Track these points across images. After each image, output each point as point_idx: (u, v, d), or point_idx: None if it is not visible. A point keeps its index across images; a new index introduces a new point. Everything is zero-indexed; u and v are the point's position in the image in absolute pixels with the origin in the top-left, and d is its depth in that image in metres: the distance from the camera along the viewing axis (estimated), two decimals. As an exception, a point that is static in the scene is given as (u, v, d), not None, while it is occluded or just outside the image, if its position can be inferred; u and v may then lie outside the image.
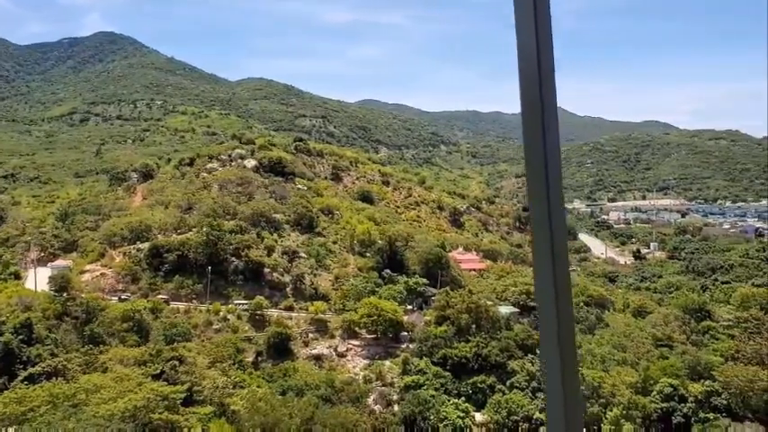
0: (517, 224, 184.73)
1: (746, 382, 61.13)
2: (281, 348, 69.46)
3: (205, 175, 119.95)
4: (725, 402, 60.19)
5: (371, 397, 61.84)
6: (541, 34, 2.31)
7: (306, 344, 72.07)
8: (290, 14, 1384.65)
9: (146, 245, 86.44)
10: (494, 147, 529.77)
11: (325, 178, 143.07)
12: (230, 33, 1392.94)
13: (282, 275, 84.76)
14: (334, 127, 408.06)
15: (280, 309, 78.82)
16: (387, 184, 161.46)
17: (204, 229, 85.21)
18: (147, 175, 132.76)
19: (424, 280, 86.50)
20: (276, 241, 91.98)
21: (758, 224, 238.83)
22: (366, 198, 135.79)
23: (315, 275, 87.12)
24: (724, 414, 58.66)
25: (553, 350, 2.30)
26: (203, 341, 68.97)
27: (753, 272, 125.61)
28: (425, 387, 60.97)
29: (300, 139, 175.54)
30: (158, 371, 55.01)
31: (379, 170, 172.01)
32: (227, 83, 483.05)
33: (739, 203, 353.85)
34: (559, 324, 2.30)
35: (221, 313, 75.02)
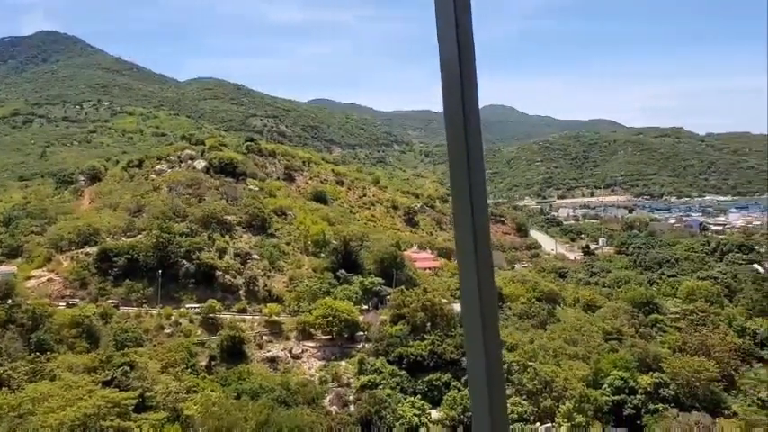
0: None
1: (693, 372, 63.06)
2: (234, 352, 68.66)
3: (154, 176, 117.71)
4: (673, 393, 61.93)
5: (327, 398, 61.66)
6: (462, 37, 2.31)
7: (260, 346, 71.41)
8: (239, 13, 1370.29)
9: (94, 249, 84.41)
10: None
11: (278, 179, 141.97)
12: (179, 33, 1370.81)
13: (235, 278, 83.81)
14: (287, 127, 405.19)
15: (233, 312, 77.88)
16: (341, 183, 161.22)
17: (154, 232, 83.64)
18: (94, 177, 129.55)
19: (380, 279, 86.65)
20: (228, 243, 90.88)
21: (702, 219, 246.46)
22: (320, 198, 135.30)
23: (268, 277, 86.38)
24: (672, 404, 60.32)
25: (479, 358, 2.29)
26: (155, 346, 67.72)
27: (698, 265, 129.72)
28: (381, 386, 61.11)
29: (252, 140, 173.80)
30: (109, 377, 53.78)
31: (333, 170, 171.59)
32: (177, 83, 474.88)
33: (684, 199, 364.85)
34: (484, 326, 2.30)
35: (173, 317, 73.77)
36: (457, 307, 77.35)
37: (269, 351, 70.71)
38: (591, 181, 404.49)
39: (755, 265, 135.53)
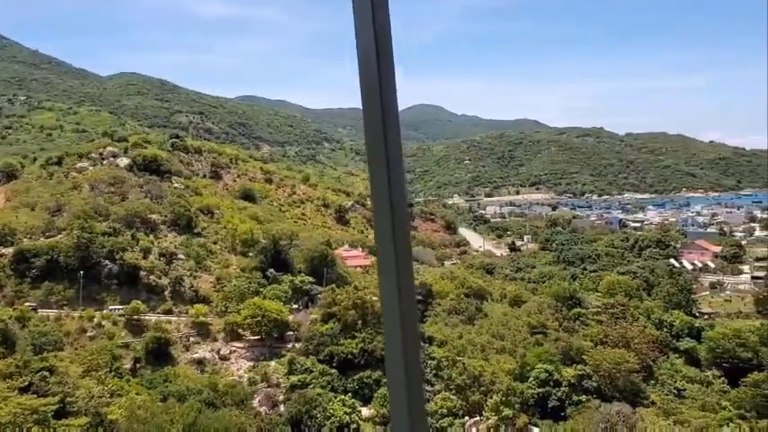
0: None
1: (614, 364, 65.46)
2: (160, 354, 66.91)
3: (75, 174, 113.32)
4: (595, 385, 64.11)
5: (257, 399, 60.92)
6: (379, 33, 2.28)
7: (187, 348, 69.85)
8: (163, 7, 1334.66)
9: (10, 250, 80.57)
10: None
11: (204, 176, 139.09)
12: (101, 26, 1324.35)
13: (160, 278, 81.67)
14: (213, 123, 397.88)
15: (158, 313, 75.82)
16: (269, 181, 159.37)
17: (75, 232, 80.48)
18: (10, 175, 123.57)
19: (310, 278, 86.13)
20: (153, 243, 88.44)
21: (622, 216, 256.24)
22: (248, 196, 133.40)
23: (195, 277, 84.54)
24: (594, 396, 62.45)
25: (398, 360, 2.27)
26: (76, 349, 65.27)
27: (618, 260, 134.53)
28: (312, 386, 60.81)
29: (177, 137, 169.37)
30: (26, 383, 51.47)
31: (262, 168, 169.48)
32: (98, 78, 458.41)
33: (604, 197, 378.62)
34: (403, 325, 2.28)
35: (95, 319, 71.26)
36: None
37: (196, 352, 69.25)
38: (516, 179, 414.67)
39: (672, 260, 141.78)
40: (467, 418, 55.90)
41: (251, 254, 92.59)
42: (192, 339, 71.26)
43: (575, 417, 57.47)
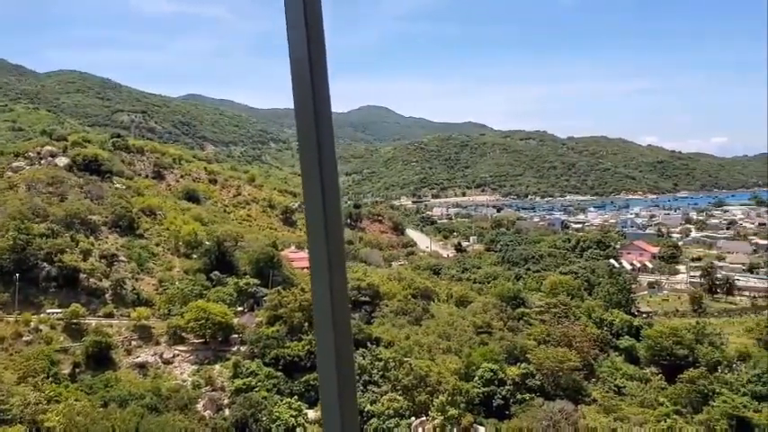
0: (348, 221, 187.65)
1: (556, 362, 66.76)
2: (101, 358, 65.13)
3: (11, 174, 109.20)
4: (539, 383, 65.26)
5: (201, 403, 59.96)
6: (313, 36, 2.27)
7: (128, 352, 68.22)
8: (106, 4, 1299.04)
9: (-62, 252, 77.18)
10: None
11: (147, 177, 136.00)
12: (38, 22, 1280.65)
13: (101, 281, 79.52)
14: (156, 123, 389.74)
15: (98, 316, 73.78)
16: (214, 182, 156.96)
17: (10, 234, 77.58)
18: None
19: (256, 280, 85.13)
20: (93, 244, 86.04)
21: (564, 217, 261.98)
22: (191, 197, 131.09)
23: (137, 280, 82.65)
24: (538, 394, 63.54)
25: (330, 364, 2.26)
26: (11, 355, 62.98)
27: (560, 261, 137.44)
28: (257, 389, 60.18)
29: (118, 136, 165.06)
30: (-44, 392, 49.50)
31: (206, 168, 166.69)
32: (36, 75, 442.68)
33: (547, 199, 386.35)
34: (336, 331, 2.27)
35: (32, 323, 68.78)
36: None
37: (138, 357, 67.69)
38: (463, 181, 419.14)
39: (611, 261, 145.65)
40: (413, 418, 56.16)
41: (195, 256, 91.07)
42: (133, 343, 69.64)
43: (519, 415, 58.39)
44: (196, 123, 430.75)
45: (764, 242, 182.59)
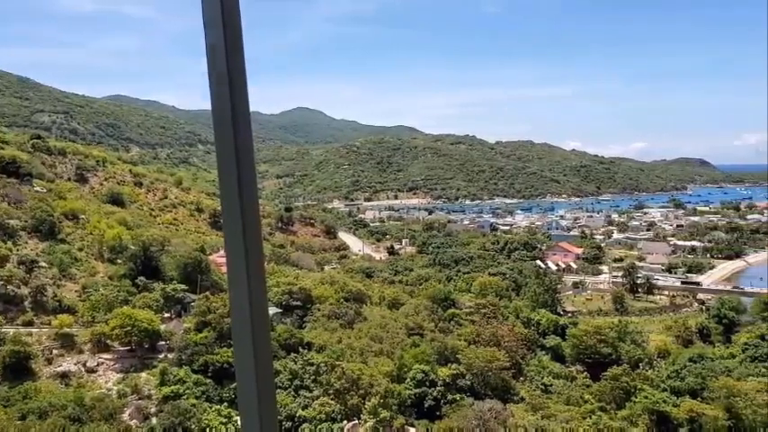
0: (279, 225, 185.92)
1: (486, 362, 67.87)
2: (19, 368, 62.12)
3: None
4: (469, 383, 66.18)
5: (127, 412, 58.08)
6: (230, 35, 2.23)
7: (49, 361, 65.38)
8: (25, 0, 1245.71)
9: None
10: (253, 147, 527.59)
11: (69, 179, 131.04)
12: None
13: (19, 288, 75.97)
14: (79, 123, 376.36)
15: (17, 325, 70.41)
16: (139, 185, 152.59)
17: None
18: None
19: (183, 286, 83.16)
20: (11, 250, 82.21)
21: (492, 220, 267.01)
22: (116, 201, 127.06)
23: (58, 286, 79.43)
24: (468, 394, 64.41)
25: (249, 375, 2.21)
26: None
27: (489, 262, 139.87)
28: (186, 396, 58.75)
29: (38, 137, 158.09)
30: None
31: (131, 170, 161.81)
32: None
33: (477, 201, 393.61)
34: (255, 340, 2.23)
35: (-59, 335, 65.25)
36: (268, 310, 76.48)
37: (60, 366, 64.97)
38: (395, 184, 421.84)
39: (538, 261, 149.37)
40: (345, 422, 56.03)
41: (119, 261, 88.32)
42: (55, 352, 66.81)
43: (450, 415, 59.03)
44: (121, 124, 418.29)
45: (682, 243, 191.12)
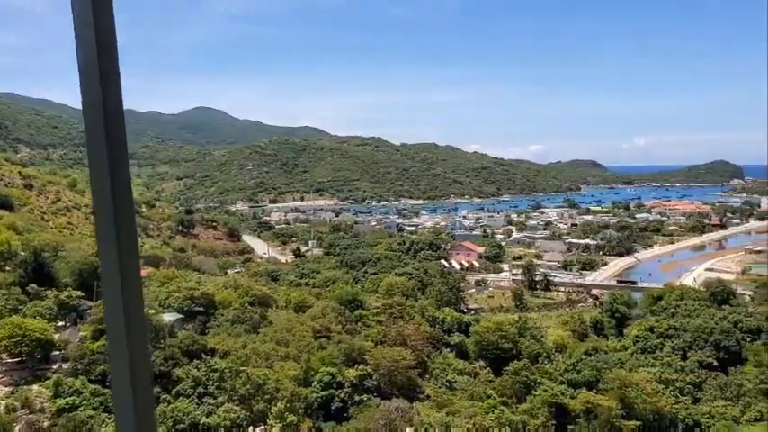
0: (180, 227, 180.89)
1: (392, 362, 68.49)
2: None
3: None
4: (375, 383, 66.58)
5: (17, 427, 54.88)
6: (102, 38, 2.18)
7: (-72, 378, 60.96)
8: None
9: None
10: (153, 148, 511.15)
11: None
12: None
13: None
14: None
15: None
16: (29, 187, 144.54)
17: None
18: None
19: (79, 292, 79.34)
20: None
21: (399, 221, 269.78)
22: (4, 204, 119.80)
23: (-62, 296, 74.10)
24: (375, 394, 64.80)
25: (125, 387, 2.17)
26: None
27: (395, 263, 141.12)
28: (82, 408, 56.14)
29: None
30: None
31: (20, 172, 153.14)
32: None
33: (383, 203, 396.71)
34: (131, 350, 2.19)
35: None
36: (166, 317, 74.22)
37: (-61, 383, 60.70)
38: (301, 186, 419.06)
39: (442, 261, 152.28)
40: (251, 427, 55.23)
41: (8, 268, 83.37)
42: (-67, 368, 62.35)
43: (357, 416, 59.25)
44: (9, 124, 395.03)
45: (576, 241, 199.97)
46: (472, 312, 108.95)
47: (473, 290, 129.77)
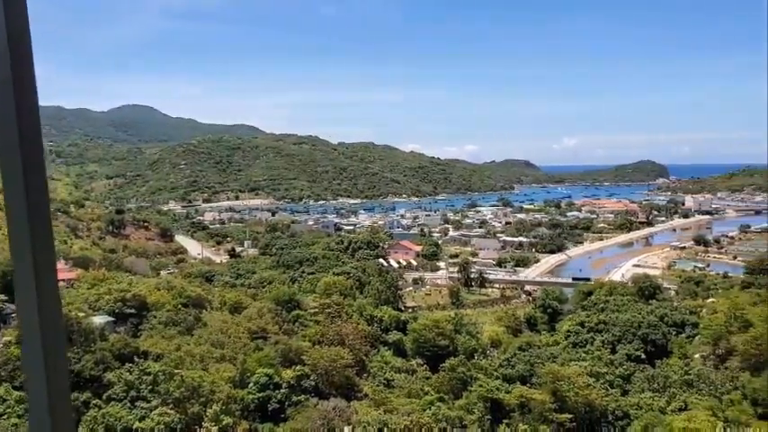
0: (110, 228, 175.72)
1: (330, 361, 68.21)
2: None
3: None
4: (313, 383, 66.14)
5: (-67, 440, 52.20)
6: (13, 28, 2.06)
7: None
8: None
9: None
10: (81, 146, 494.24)
11: None
12: None
13: None
14: None
15: None
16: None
17: None
18: None
19: (2, 296, 76.12)
20: None
21: (337, 220, 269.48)
22: None
23: None
24: (313, 394, 64.37)
25: (41, 396, 2.10)
26: None
27: (333, 262, 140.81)
28: (6, 416, 53.80)
29: None
30: None
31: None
32: None
33: (321, 202, 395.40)
34: (46, 354, 2.09)
35: None
36: (97, 320, 71.87)
37: None
38: (236, 185, 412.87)
39: (380, 260, 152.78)
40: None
41: (-77, 271, 79.19)
42: None
43: (294, 417, 58.78)
44: None
45: (510, 239, 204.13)
46: (410, 310, 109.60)
47: (411, 288, 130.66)
